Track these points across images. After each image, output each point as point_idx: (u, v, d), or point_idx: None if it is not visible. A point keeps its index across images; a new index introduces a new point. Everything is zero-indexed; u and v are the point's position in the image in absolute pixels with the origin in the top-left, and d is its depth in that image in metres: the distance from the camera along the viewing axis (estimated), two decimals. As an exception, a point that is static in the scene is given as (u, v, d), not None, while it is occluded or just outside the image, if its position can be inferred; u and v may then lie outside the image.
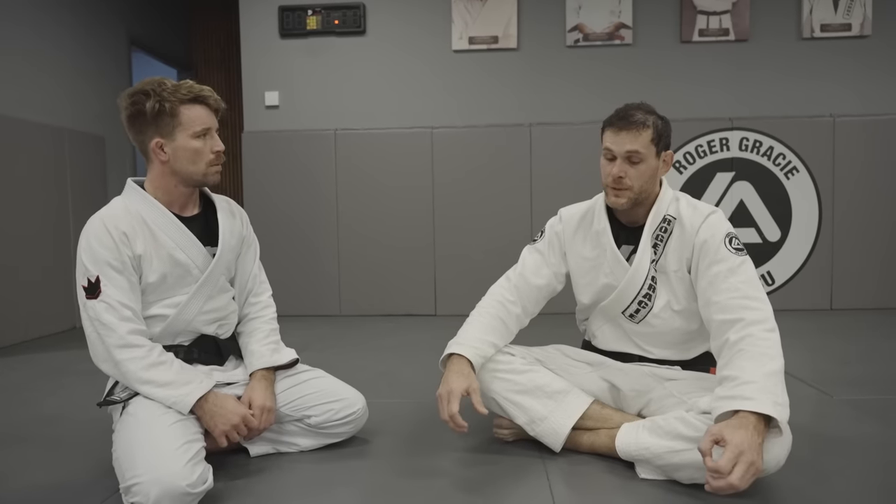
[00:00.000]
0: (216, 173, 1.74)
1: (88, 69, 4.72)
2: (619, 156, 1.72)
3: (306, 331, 3.90)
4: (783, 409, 1.42)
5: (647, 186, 1.75)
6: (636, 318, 1.81)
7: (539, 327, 2.11)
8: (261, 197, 4.52)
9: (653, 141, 1.72)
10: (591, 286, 1.88)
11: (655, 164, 1.74)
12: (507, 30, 4.46)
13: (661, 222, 1.77)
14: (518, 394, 1.80)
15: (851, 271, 4.32)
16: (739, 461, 1.33)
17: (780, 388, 1.45)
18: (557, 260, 1.93)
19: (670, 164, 1.80)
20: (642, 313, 1.80)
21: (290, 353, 1.89)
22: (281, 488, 1.65)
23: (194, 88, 1.69)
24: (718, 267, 1.64)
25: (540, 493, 1.58)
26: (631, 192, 1.73)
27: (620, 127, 1.72)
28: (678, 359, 1.83)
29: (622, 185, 1.73)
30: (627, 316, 1.82)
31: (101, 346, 1.61)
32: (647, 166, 1.73)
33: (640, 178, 1.72)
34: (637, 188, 1.73)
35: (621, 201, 1.74)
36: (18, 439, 2.06)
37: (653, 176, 1.75)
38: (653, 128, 1.73)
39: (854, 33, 4.34)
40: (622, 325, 1.85)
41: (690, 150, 4.35)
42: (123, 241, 1.63)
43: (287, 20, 4.52)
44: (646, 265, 1.77)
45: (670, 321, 1.78)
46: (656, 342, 1.82)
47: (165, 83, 1.67)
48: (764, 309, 1.58)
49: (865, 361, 2.89)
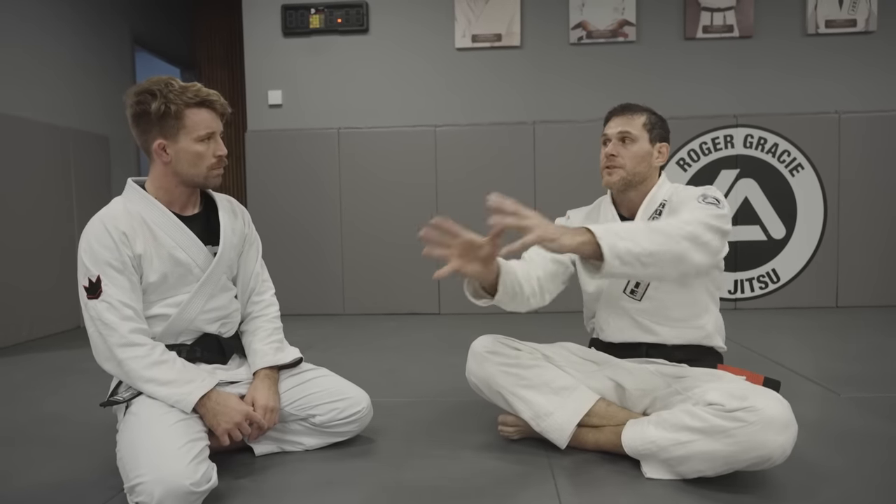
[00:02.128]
0: (217, 176, 1.74)
1: (92, 68, 4.73)
2: (613, 137, 1.84)
3: (310, 330, 3.90)
4: (612, 235, 1.42)
5: (639, 169, 1.82)
6: (637, 293, 1.83)
7: (546, 326, 2.11)
8: (264, 196, 4.52)
9: (645, 126, 1.83)
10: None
11: (648, 148, 1.83)
12: (511, 27, 4.45)
13: (657, 206, 1.83)
14: (524, 388, 1.80)
15: (857, 268, 4.30)
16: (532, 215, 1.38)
17: (630, 230, 1.46)
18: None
19: (666, 157, 1.88)
20: (642, 286, 1.82)
21: (294, 352, 1.89)
22: (285, 487, 1.64)
23: (201, 92, 1.68)
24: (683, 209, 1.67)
25: (546, 492, 1.57)
26: (623, 171, 1.81)
27: (614, 114, 1.88)
28: (685, 341, 1.82)
29: (614, 164, 1.82)
30: (629, 293, 1.84)
31: (103, 346, 1.61)
32: (640, 148, 1.82)
33: (631, 158, 1.81)
34: (629, 168, 1.81)
35: (613, 179, 1.82)
36: (23, 438, 2.06)
37: (645, 160, 1.82)
38: (646, 116, 1.85)
39: (859, 29, 4.32)
40: (627, 309, 1.85)
41: (695, 148, 4.34)
42: (123, 241, 1.63)
43: (290, 19, 4.52)
44: None
45: (671, 292, 1.79)
46: (662, 318, 1.82)
47: (173, 84, 1.66)
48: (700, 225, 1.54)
49: (872, 359, 2.87)
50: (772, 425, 1.44)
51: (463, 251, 1.52)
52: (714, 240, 1.56)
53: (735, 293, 4.39)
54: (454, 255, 1.51)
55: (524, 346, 1.89)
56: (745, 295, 4.38)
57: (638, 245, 1.44)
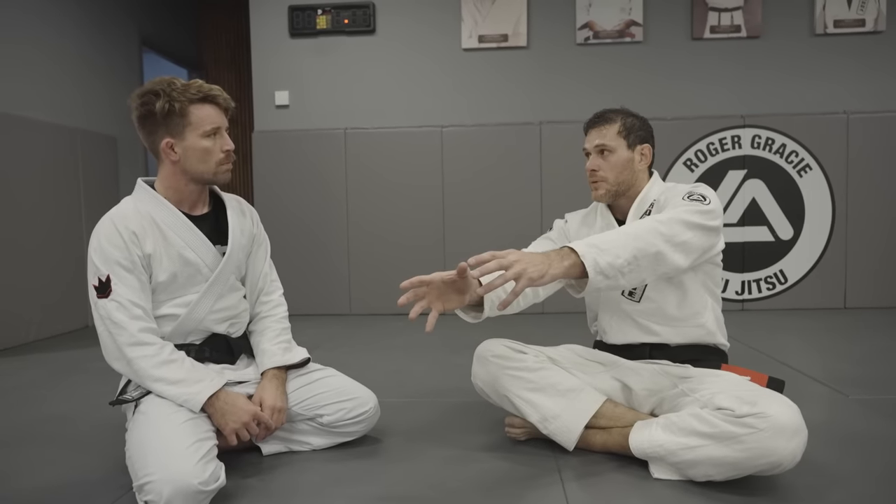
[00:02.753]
0: (226, 172, 1.75)
1: (100, 69, 4.76)
2: (592, 151, 1.86)
3: (317, 330, 3.91)
4: (594, 251, 1.44)
5: (623, 178, 1.84)
6: (636, 294, 1.83)
7: (549, 328, 2.10)
8: (271, 196, 4.53)
9: (620, 133, 1.83)
10: None
11: (627, 155, 1.83)
12: (517, 28, 4.44)
13: (647, 207, 1.83)
14: (530, 391, 1.80)
15: (865, 269, 4.28)
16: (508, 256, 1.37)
17: (610, 240, 1.48)
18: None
19: (650, 157, 1.88)
20: (640, 288, 1.81)
21: (302, 352, 1.89)
22: (293, 487, 1.65)
23: (203, 88, 1.70)
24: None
25: (553, 493, 1.57)
26: (606, 184, 1.83)
27: (590, 126, 1.89)
28: (687, 340, 1.82)
29: (597, 178, 1.84)
30: (627, 295, 1.84)
31: (112, 345, 1.62)
32: (618, 158, 1.82)
33: (612, 169, 1.83)
34: (612, 179, 1.83)
35: (599, 193, 1.85)
36: (32, 437, 2.07)
37: (627, 168, 1.83)
38: (620, 122, 1.84)
39: (868, 29, 4.30)
40: (627, 311, 1.85)
41: (702, 148, 4.32)
42: (133, 241, 1.64)
43: (297, 20, 4.53)
44: None
45: (665, 293, 1.79)
46: (661, 318, 1.82)
47: (175, 83, 1.67)
48: (678, 224, 1.56)
49: (880, 360, 2.86)
50: (782, 432, 1.42)
51: (439, 292, 1.59)
52: (694, 238, 1.58)
53: (742, 294, 4.37)
54: (433, 299, 1.57)
55: (529, 350, 1.88)
56: (752, 296, 4.37)
57: (619, 257, 1.46)
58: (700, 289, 1.81)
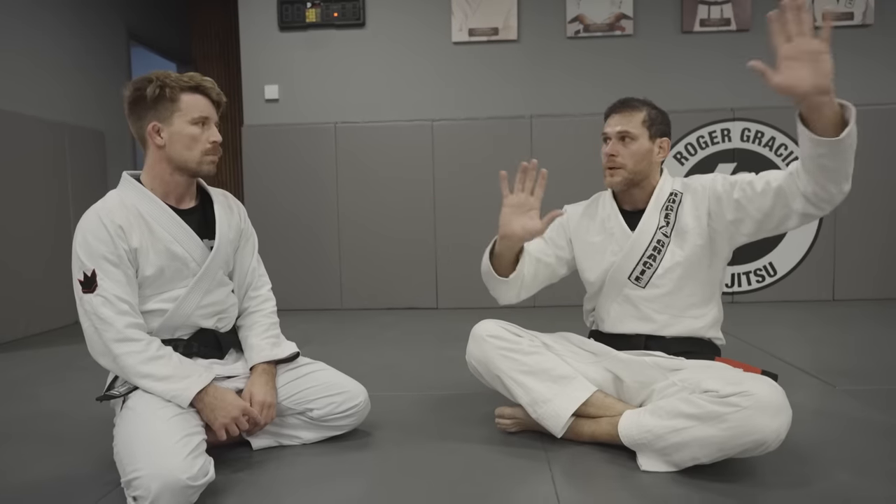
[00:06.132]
0: (211, 163, 1.73)
1: (88, 63, 4.71)
2: (613, 136, 1.84)
3: (308, 324, 3.90)
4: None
5: (640, 167, 1.84)
6: (642, 280, 1.84)
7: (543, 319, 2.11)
8: (261, 191, 4.51)
9: (644, 123, 1.83)
10: (598, 265, 1.93)
11: (648, 146, 1.84)
12: (508, 21, 4.43)
13: (669, 195, 1.85)
14: (523, 374, 1.81)
15: (853, 262, 4.31)
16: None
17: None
18: (564, 244, 2.01)
19: (667, 152, 1.88)
20: (647, 274, 1.83)
21: (291, 347, 1.89)
22: (283, 481, 1.64)
23: (196, 78, 1.71)
24: (735, 185, 1.73)
25: (542, 485, 1.57)
26: (624, 171, 1.83)
27: (613, 111, 1.88)
28: (683, 332, 1.83)
29: (615, 164, 1.83)
30: (634, 280, 1.85)
31: (98, 341, 1.60)
32: (639, 146, 1.82)
33: (632, 157, 1.82)
34: (630, 167, 1.83)
35: (616, 180, 1.84)
36: (20, 434, 2.06)
37: (646, 158, 1.83)
38: (645, 112, 1.85)
39: (856, 22, 4.31)
40: (630, 297, 1.86)
41: (692, 142, 4.33)
42: (119, 235, 1.63)
43: (286, 13, 4.50)
44: (651, 228, 1.84)
45: (676, 281, 1.81)
46: (664, 308, 1.83)
47: (171, 74, 1.69)
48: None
49: (868, 352, 2.88)
50: (765, 410, 1.45)
51: (519, 204, 1.86)
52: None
53: (732, 287, 4.39)
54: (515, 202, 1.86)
55: (525, 333, 1.90)
56: (741, 288, 4.39)
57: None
58: (713, 281, 1.85)
